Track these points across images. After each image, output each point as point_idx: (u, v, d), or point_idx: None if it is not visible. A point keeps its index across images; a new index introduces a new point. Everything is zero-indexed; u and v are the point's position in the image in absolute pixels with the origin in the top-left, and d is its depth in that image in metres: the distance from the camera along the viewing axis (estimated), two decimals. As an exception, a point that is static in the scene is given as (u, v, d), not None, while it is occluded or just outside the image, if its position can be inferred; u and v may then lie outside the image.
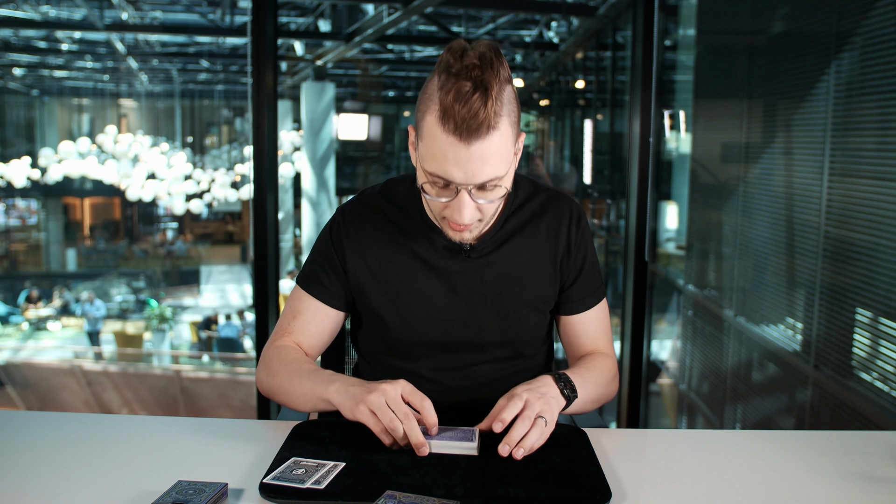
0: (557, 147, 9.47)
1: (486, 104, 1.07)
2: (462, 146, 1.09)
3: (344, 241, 1.32)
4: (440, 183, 1.14)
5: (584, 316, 1.37)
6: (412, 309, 1.29)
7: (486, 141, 1.09)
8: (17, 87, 13.17)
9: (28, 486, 1.00)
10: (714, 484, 1.04)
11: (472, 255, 1.29)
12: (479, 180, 1.11)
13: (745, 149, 3.37)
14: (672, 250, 4.69)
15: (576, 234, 1.33)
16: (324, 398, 1.17)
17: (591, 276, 1.36)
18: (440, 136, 1.09)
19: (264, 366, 1.31)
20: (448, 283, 1.29)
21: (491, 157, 1.10)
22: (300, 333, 1.33)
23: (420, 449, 1.06)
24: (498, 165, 1.12)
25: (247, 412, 7.64)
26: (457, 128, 1.07)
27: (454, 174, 1.11)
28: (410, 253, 1.30)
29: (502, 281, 1.30)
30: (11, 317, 12.05)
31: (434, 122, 1.10)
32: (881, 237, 2.30)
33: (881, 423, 2.26)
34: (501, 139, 1.11)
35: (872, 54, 2.38)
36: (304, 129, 10.01)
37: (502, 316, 1.30)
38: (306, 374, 1.23)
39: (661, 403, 4.70)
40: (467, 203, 1.14)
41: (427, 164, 1.13)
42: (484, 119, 1.07)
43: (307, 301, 1.33)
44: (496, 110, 1.08)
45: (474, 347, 1.31)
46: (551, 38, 8.64)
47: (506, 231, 1.31)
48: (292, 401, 1.24)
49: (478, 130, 1.08)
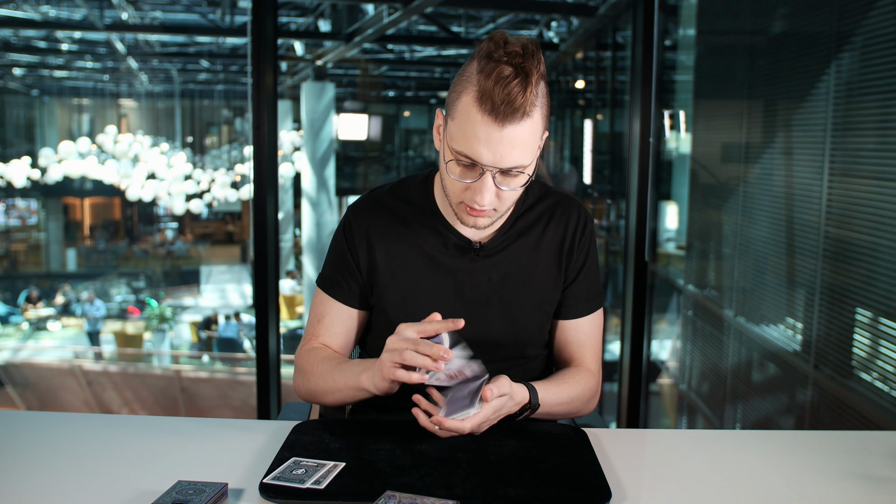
0: (557, 147, 9.47)
1: (526, 90, 1.10)
2: (496, 128, 1.11)
3: (356, 238, 1.33)
4: (466, 162, 1.15)
5: (575, 323, 1.36)
6: (419, 305, 1.30)
7: (519, 126, 1.11)
8: (17, 87, 13.17)
9: (28, 486, 1.00)
10: (714, 484, 1.04)
11: (480, 254, 1.30)
12: (505, 164, 1.13)
13: (745, 149, 3.37)
14: (672, 250, 4.69)
15: (580, 237, 1.34)
16: (358, 387, 1.20)
17: (587, 282, 1.36)
18: (475, 116, 1.12)
19: (299, 372, 1.32)
20: (455, 281, 1.30)
21: (520, 143, 1.13)
22: (327, 336, 1.34)
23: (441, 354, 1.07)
24: (525, 153, 1.14)
25: (247, 412, 7.64)
26: (494, 109, 1.10)
27: (483, 155, 1.13)
28: (419, 250, 1.31)
29: (509, 281, 1.31)
30: (11, 317, 12.05)
31: (470, 102, 1.12)
32: (881, 237, 2.30)
33: (881, 423, 2.26)
34: (532, 128, 1.13)
35: (872, 54, 2.38)
36: (304, 129, 10.01)
37: (508, 315, 1.31)
38: (337, 370, 1.25)
39: (661, 403, 4.70)
40: (489, 186, 1.15)
41: (456, 144, 1.15)
42: (521, 104, 1.10)
43: (329, 303, 1.35)
44: (532, 99, 1.11)
45: (479, 346, 1.31)
46: (551, 38, 8.64)
47: (514, 231, 1.32)
48: (333, 398, 1.27)
49: (513, 114, 1.10)
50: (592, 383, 1.34)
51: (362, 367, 1.21)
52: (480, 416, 1.12)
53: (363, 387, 1.19)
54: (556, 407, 1.27)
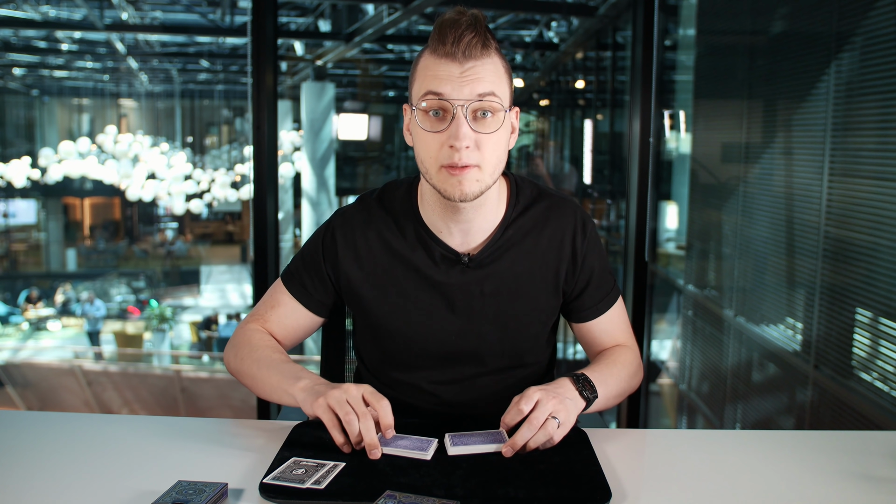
0: (557, 147, 9.47)
1: (476, 30, 1.11)
2: (455, 65, 1.11)
3: (339, 250, 1.29)
4: (435, 106, 1.13)
5: (600, 320, 1.35)
6: (409, 321, 1.27)
7: (479, 63, 1.12)
8: (17, 87, 13.16)
9: (28, 486, 1.00)
10: (714, 484, 1.04)
11: (470, 266, 1.25)
12: (475, 93, 1.11)
13: (745, 149, 3.37)
14: (672, 250, 4.69)
15: (582, 243, 1.28)
16: (289, 392, 1.17)
17: (601, 282, 1.33)
18: (432, 62, 1.13)
19: (234, 347, 1.30)
20: (446, 296, 1.26)
21: (485, 74, 1.12)
22: (275, 324, 1.33)
23: (372, 451, 1.05)
24: (494, 83, 1.13)
25: (247, 412, 7.64)
26: (449, 52, 1.11)
27: (449, 90, 1.11)
28: (408, 265, 1.26)
29: (502, 293, 1.26)
30: (11, 317, 12.05)
31: (427, 55, 1.14)
32: (881, 237, 2.30)
33: (881, 423, 2.26)
34: (496, 67, 1.14)
35: (872, 54, 2.38)
36: (304, 129, 10.00)
37: (501, 327, 1.27)
38: (275, 366, 1.23)
39: (661, 403, 4.70)
40: (463, 122, 1.11)
41: (423, 87, 1.14)
42: (475, 39, 1.11)
43: (287, 297, 1.33)
44: (487, 39, 1.12)
45: (474, 359, 1.29)
46: (551, 38, 8.64)
47: (505, 241, 1.26)
48: (257, 388, 1.25)
49: (468, 51, 1.11)
50: (632, 356, 1.34)
51: (300, 377, 1.18)
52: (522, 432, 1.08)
53: (293, 394, 1.16)
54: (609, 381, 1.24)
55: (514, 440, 1.07)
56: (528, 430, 1.07)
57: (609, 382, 1.24)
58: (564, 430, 1.11)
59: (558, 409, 1.10)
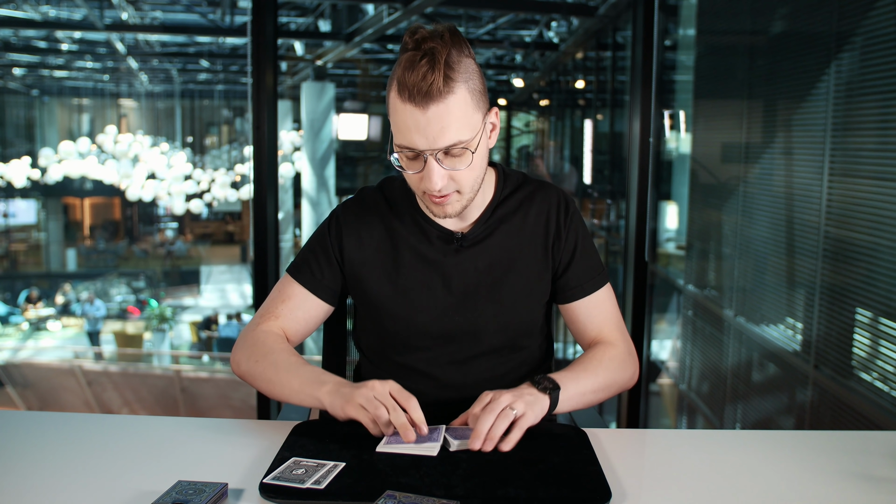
0: (557, 147, 9.47)
1: (434, 68, 1.12)
2: (419, 112, 1.13)
3: (343, 233, 1.35)
4: (408, 154, 1.18)
5: (585, 302, 1.37)
6: (408, 299, 1.32)
7: (442, 105, 1.13)
8: (17, 87, 13.16)
9: (28, 486, 1.00)
10: (714, 484, 1.04)
11: (464, 244, 1.32)
12: (441, 144, 1.15)
13: (745, 149, 3.37)
14: (672, 250, 4.69)
15: (564, 219, 1.35)
16: (314, 396, 1.19)
17: (586, 260, 1.37)
18: (399, 107, 1.15)
19: (246, 348, 1.31)
20: (443, 273, 1.32)
21: (450, 121, 1.14)
22: (287, 318, 1.34)
23: (406, 433, 1.08)
24: (460, 130, 1.15)
25: (247, 412, 7.64)
26: (410, 95, 1.13)
27: (416, 141, 1.15)
28: (406, 245, 1.33)
29: (495, 267, 1.32)
30: (11, 317, 12.05)
31: (394, 96, 1.15)
32: (881, 237, 2.30)
33: (881, 423, 2.26)
34: (460, 104, 1.14)
35: (872, 54, 2.38)
36: (304, 129, 10.00)
37: (497, 302, 1.32)
38: (294, 369, 1.24)
39: (661, 403, 4.70)
40: (435, 169, 1.17)
41: (396, 138, 1.18)
42: (433, 83, 1.12)
43: (297, 288, 1.35)
44: (447, 75, 1.13)
45: (471, 338, 1.33)
46: (551, 38, 8.63)
47: (495, 219, 1.34)
48: (274, 391, 1.25)
49: (429, 94, 1.12)
50: (613, 351, 1.34)
51: (323, 381, 1.20)
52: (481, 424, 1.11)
53: (320, 399, 1.18)
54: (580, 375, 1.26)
55: (477, 429, 1.10)
56: (487, 417, 1.11)
57: (581, 377, 1.26)
58: (528, 421, 1.13)
59: (513, 402, 1.13)
